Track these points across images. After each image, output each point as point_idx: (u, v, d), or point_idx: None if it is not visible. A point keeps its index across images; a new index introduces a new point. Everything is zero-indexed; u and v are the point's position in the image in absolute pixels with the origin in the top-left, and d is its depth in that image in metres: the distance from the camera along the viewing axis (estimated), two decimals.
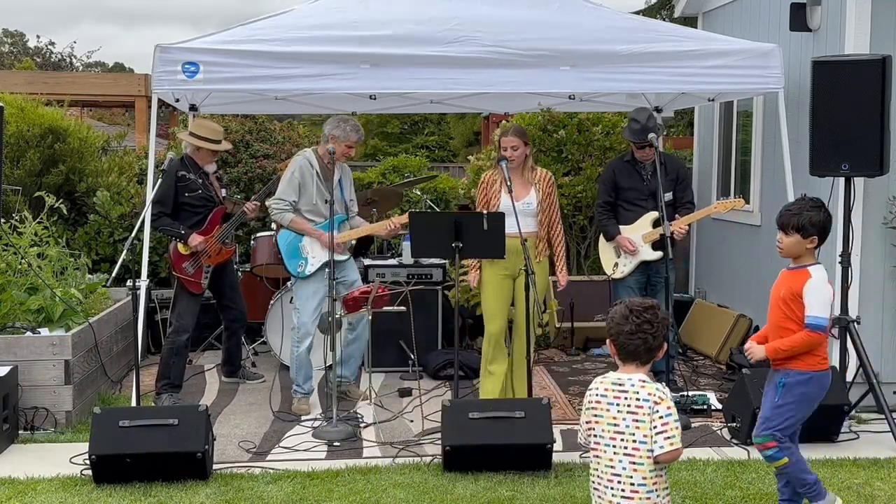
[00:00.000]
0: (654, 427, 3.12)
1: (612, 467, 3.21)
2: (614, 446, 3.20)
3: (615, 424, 3.20)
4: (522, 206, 5.75)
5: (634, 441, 3.16)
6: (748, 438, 5.31)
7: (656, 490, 3.18)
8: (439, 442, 5.02)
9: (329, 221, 5.78)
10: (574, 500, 4.49)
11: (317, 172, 6.03)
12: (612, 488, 3.20)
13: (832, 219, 4.10)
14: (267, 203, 6.21)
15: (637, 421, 3.16)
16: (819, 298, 3.94)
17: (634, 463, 3.16)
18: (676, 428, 3.13)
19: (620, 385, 3.23)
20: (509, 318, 5.99)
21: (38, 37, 42.64)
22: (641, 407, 3.15)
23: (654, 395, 3.15)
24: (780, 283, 4.09)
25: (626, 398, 3.19)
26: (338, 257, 6.00)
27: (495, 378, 5.88)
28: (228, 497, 4.57)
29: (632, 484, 3.16)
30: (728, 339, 7.31)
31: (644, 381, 3.20)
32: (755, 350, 4.05)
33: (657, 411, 3.13)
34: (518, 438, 4.87)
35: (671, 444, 3.11)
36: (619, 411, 3.20)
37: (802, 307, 3.94)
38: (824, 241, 4.07)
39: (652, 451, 3.14)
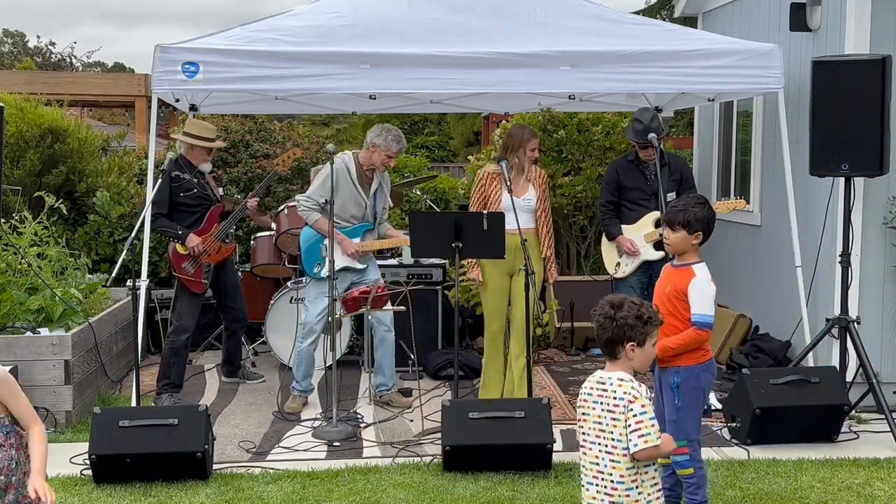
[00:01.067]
0: (629, 426, 3.17)
1: (596, 464, 3.26)
2: (598, 444, 3.25)
3: (599, 423, 3.26)
4: (523, 203, 5.80)
5: (612, 439, 3.22)
6: (748, 438, 5.33)
7: (637, 487, 3.21)
8: (439, 442, 5.02)
9: (329, 220, 5.77)
10: (574, 500, 4.48)
11: (352, 178, 6.04)
12: (596, 485, 3.26)
13: (715, 216, 4.17)
14: (297, 197, 6.22)
15: (614, 419, 3.21)
16: (703, 296, 4.00)
17: (613, 460, 3.21)
18: (652, 426, 3.16)
19: (602, 384, 3.28)
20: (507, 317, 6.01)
21: (38, 37, 42.64)
22: (618, 405, 3.20)
23: (629, 393, 3.19)
24: (665, 280, 4.15)
25: (606, 396, 3.24)
26: (356, 265, 6.04)
27: (493, 376, 5.95)
28: (228, 497, 4.57)
29: (612, 481, 3.22)
30: (728, 339, 7.30)
31: (622, 380, 3.24)
32: None
33: (631, 409, 3.17)
34: (518, 438, 4.87)
35: (645, 441, 3.15)
36: (602, 409, 3.25)
37: (687, 305, 4.01)
38: (709, 238, 4.13)
39: (628, 448, 3.18)
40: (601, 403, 3.25)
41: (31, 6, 58.43)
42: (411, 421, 5.88)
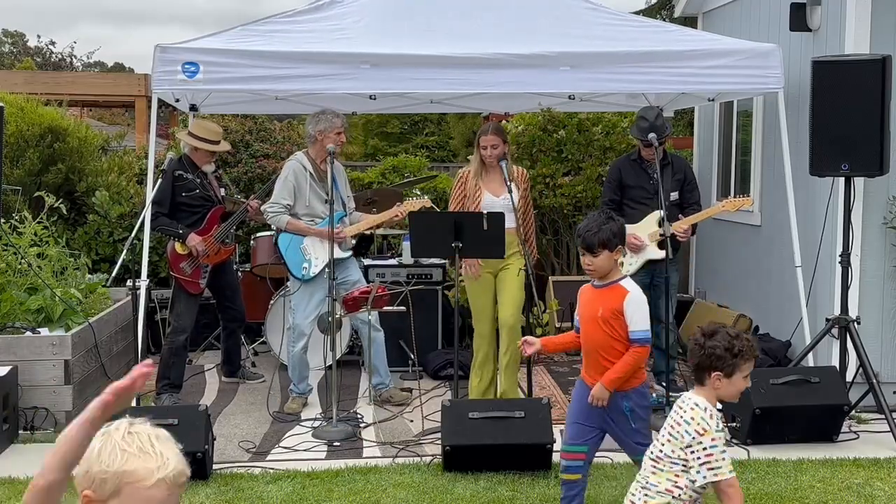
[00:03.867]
0: (698, 458, 3.10)
1: (644, 461, 3.27)
2: (654, 445, 3.23)
3: (663, 428, 3.22)
4: (503, 202, 5.75)
5: (660, 450, 3.18)
6: (748, 438, 5.33)
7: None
8: (439, 442, 5.02)
9: (329, 220, 5.77)
10: None
11: (310, 174, 6.03)
12: (637, 481, 3.26)
13: (625, 225, 4.10)
14: (262, 208, 6.21)
15: (671, 436, 3.15)
16: (640, 312, 3.92)
17: (655, 467, 3.19)
18: (723, 459, 3.11)
19: (682, 400, 3.23)
20: (495, 317, 5.99)
21: (38, 37, 42.74)
22: (679, 426, 3.14)
23: (700, 425, 3.11)
24: (592, 303, 4.01)
25: (676, 411, 3.19)
26: (339, 254, 5.99)
27: (483, 382, 5.94)
28: (228, 497, 4.58)
29: (647, 483, 3.19)
30: None
31: (696, 405, 3.16)
32: (596, 392, 3.91)
33: (700, 442, 3.10)
34: (518, 438, 4.87)
35: (715, 474, 3.09)
36: (671, 420, 3.20)
37: (624, 324, 3.90)
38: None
39: (688, 474, 3.12)
40: (671, 416, 3.21)
41: (31, 6, 58.49)
42: (411, 421, 5.88)
